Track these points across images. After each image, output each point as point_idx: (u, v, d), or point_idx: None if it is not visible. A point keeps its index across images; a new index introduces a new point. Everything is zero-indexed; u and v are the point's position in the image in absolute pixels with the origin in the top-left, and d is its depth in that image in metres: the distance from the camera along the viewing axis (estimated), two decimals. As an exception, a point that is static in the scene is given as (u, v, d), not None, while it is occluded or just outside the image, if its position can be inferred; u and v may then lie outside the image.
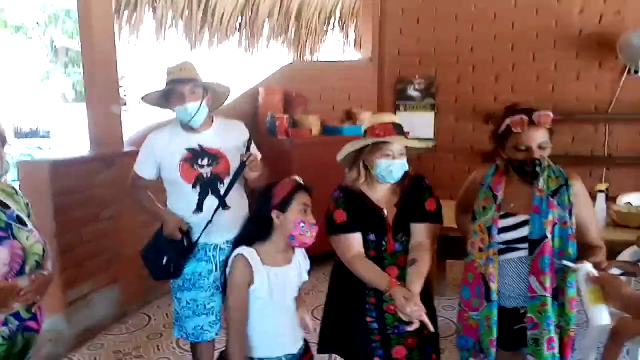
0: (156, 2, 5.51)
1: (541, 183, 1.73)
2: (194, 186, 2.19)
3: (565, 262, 1.65)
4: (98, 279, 3.31)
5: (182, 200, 2.22)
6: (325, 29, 6.79)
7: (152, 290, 3.81)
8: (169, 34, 5.83)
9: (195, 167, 2.18)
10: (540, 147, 1.70)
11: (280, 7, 6.25)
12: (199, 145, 2.21)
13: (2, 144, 1.60)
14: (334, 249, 1.90)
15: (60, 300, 2.99)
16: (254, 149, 2.29)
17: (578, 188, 1.75)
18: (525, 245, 1.72)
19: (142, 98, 2.23)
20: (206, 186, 2.20)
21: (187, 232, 2.21)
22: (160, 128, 2.30)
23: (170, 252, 2.19)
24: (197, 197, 2.20)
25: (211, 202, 2.21)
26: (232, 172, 2.22)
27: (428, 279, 1.82)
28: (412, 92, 5.10)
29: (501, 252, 1.75)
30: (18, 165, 3.07)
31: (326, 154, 3.95)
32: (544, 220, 1.69)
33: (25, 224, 1.66)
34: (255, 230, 1.73)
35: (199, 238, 2.22)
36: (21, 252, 1.58)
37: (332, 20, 6.79)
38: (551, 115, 1.70)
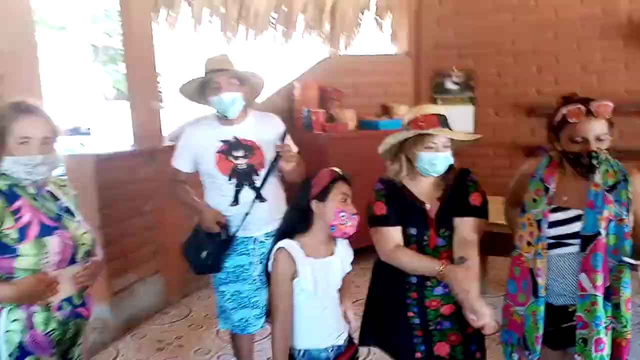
0: (193, -1, 5.59)
1: (597, 177, 1.65)
2: (230, 178, 2.20)
3: (626, 259, 1.59)
4: (141, 269, 3.41)
5: (218, 192, 2.24)
6: (359, 22, 6.74)
7: (193, 281, 3.88)
8: (205, 30, 5.92)
9: (230, 158, 2.20)
10: (598, 139, 1.62)
11: (314, 1, 6.23)
12: (234, 137, 2.22)
13: (55, 139, 1.66)
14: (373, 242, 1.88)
15: (106, 290, 3.08)
16: (289, 141, 2.29)
17: (638, 184, 1.67)
18: (577, 241, 1.66)
19: (179, 89, 2.25)
20: (242, 178, 2.21)
21: (225, 225, 2.22)
22: (196, 122, 2.33)
23: (210, 245, 2.21)
24: (234, 190, 2.21)
25: (247, 194, 2.22)
26: (267, 164, 2.23)
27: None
28: (450, 85, 5.00)
29: (551, 246, 1.69)
30: (64, 159, 3.17)
31: (362, 149, 3.95)
32: (598, 216, 1.62)
33: (74, 215, 1.72)
34: (296, 222, 1.73)
35: (236, 231, 2.23)
36: (71, 241, 1.64)
37: (367, 13, 6.72)
38: (611, 105, 1.62)
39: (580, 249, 1.65)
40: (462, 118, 4.84)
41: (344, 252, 1.80)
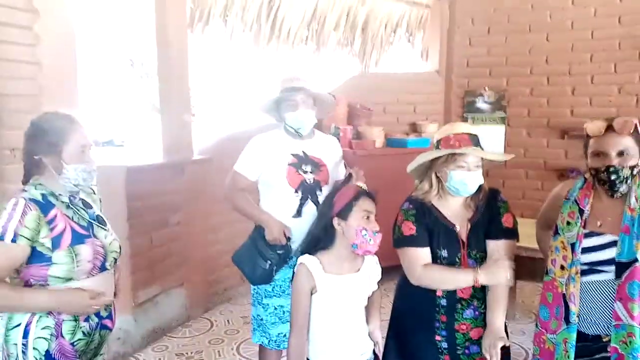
0: (227, 15, 5.71)
1: (633, 201, 1.59)
2: (296, 190, 2.23)
3: None
4: (165, 281, 3.42)
5: (281, 204, 2.25)
6: (391, 40, 6.74)
7: (215, 295, 3.90)
8: (237, 45, 6.03)
9: (300, 172, 2.25)
10: (620, 155, 1.59)
11: (347, 18, 6.28)
12: (303, 152, 2.28)
13: (87, 149, 1.69)
14: (400, 262, 1.83)
15: (130, 301, 3.11)
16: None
17: None
18: (611, 268, 1.59)
19: (256, 106, 2.36)
20: (307, 192, 2.25)
21: (289, 238, 2.23)
22: (265, 132, 2.36)
23: (273, 257, 2.21)
24: (298, 202, 2.24)
25: (309, 208, 2.24)
26: (330, 182, 2.29)
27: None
28: (481, 104, 4.94)
29: (584, 273, 1.63)
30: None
31: (389, 166, 3.91)
32: (635, 242, 1.55)
33: (105, 223, 1.75)
34: (318, 238, 1.72)
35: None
36: (102, 249, 1.67)
37: (398, 31, 6.73)
38: (634, 121, 1.58)
39: (615, 276, 1.59)
40: (493, 138, 4.76)
41: (371, 270, 1.77)
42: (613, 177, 1.59)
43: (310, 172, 2.26)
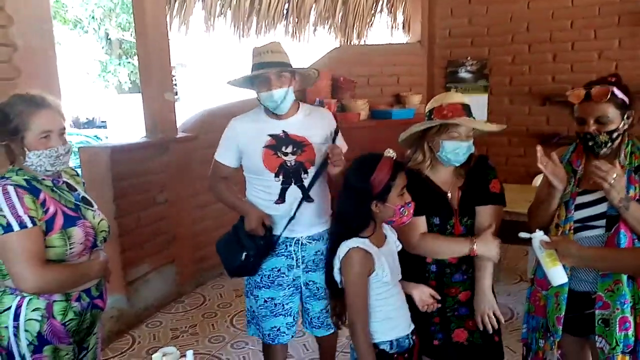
0: (205, -10, 5.60)
1: (622, 158, 1.66)
2: (276, 175, 2.05)
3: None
4: (156, 259, 3.44)
5: (263, 189, 2.10)
6: (372, 11, 6.69)
7: (206, 271, 3.93)
8: (217, 22, 5.93)
9: (279, 154, 2.05)
10: (598, 122, 1.64)
11: (327, -9, 6.20)
12: (283, 132, 2.06)
13: (54, 134, 1.63)
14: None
15: (121, 279, 3.13)
16: (339, 140, 2.14)
17: None
18: (602, 223, 1.66)
19: (228, 82, 2.14)
20: (289, 175, 2.06)
21: (270, 228, 2.08)
22: (243, 114, 2.17)
23: (251, 248, 2.06)
24: (280, 187, 2.07)
25: (293, 192, 2.07)
26: (317, 163, 2.08)
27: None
28: (463, 74, 4.95)
29: (576, 230, 1.70)
30: (79, 151, 3.22)
31: (374, 138, 3.93)
32: None
33: (92, 204, 1.75)
34: (356, 224, 1.64)
35: (281, 233, 2.08)
36: (92, 230, 1.67)
37: (380, 3, 6.67)
38: (610, 89, 1.62)
39: (606, 230, 1.66)
40: (476, 106, 4.79)
41: (391, 233, 1.77)
42: (590, 143, 1.66)
43: (292, 154, 2.04)
